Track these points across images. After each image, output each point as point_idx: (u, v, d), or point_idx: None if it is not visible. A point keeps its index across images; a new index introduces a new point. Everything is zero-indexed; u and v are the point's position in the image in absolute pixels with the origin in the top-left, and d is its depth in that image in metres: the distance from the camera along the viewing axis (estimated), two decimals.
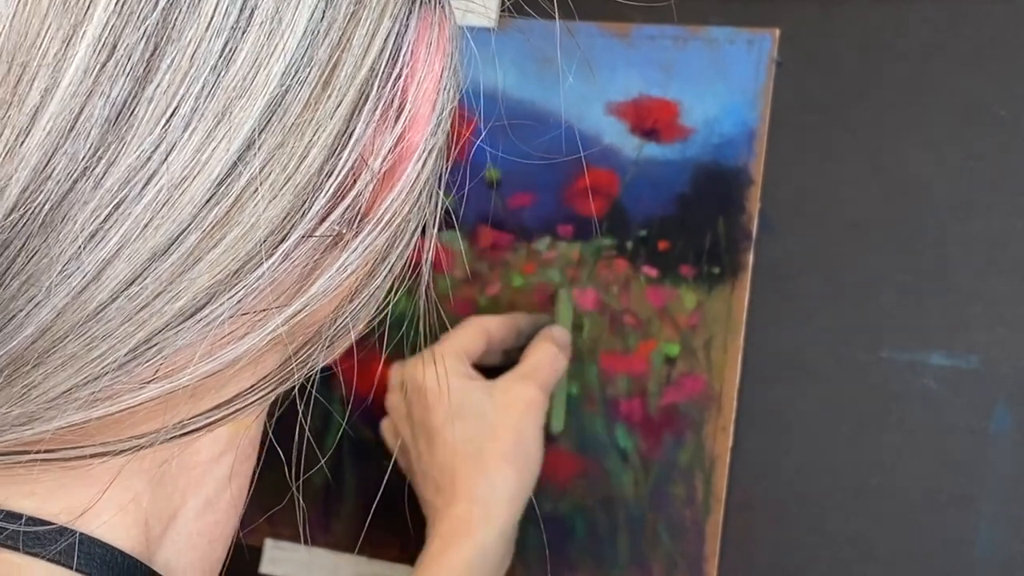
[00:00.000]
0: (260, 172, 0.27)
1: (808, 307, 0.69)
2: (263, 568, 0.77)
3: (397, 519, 0.74)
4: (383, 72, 0.29)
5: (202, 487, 0.35)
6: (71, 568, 0.31)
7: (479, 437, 0.65)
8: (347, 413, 0.75)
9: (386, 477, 0.75)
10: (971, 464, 0.65)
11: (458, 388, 0.66)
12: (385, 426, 0.72)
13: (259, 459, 0.37)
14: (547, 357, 0.68)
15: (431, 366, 0.66)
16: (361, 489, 0.75)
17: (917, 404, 0.66)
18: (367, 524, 0.75)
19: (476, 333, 0.68)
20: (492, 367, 0.70)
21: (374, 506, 0.75)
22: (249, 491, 0.37)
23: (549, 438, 0.71)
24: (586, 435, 0.71)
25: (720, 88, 0.71)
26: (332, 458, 0.75)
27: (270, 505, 0.77)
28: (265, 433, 0.37)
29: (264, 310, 0.29)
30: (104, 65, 0.25)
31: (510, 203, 0.75)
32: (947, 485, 0.66)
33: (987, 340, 0.66)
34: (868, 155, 0.69)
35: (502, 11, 0.74)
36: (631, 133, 0.73)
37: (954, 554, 0.65)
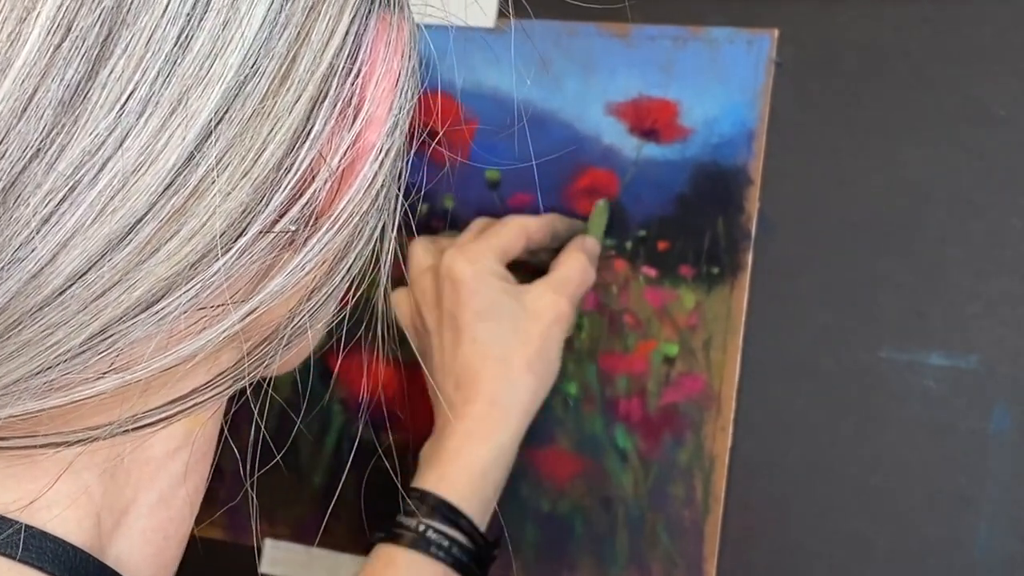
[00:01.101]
0: (217, 164, 0.27)
1: (807, 307, 0.69)
2: (263, 568, 0.77)
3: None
4: (342, 69, 0.29)
5: (156, 483, 0.35)
6: (15, 559, 0.31)
7: (507, 341, 0.65)
8: (361, 412, 0.75)
9: (395, 477, 0.75)
10: (970, 464, 0.65)
11: (493, 288, 0.66)
12: (400, 298, 0.70)
13: (215, 457, 0.37)
14: (578, 269, 0.68)
15: (468, 259, 0.66)
16: (361, 489, 0.75)
17: (917, 404, 0.66)
18: (367, 524, 0.75)
19: (517, 234, 0.68)
20: (522, 263, 0.70)
21: (370, 506, 0.75)
22: (205, 489, 0.37)
23: (551, 435, 0.71)
24: (585, 435, 0.71)
25: (719, 88, 0.71)
26: (332, 458, 0.75)
27: (269, 505, 0.77)
28: (221, 431, 0.37)
29: (220, 305, 0.29)
30: (59, 47, 0.25)
31: (510, 203, 0.75)
32: (946, 485, 0.66)
33: (987, 340, 0.66)
34: (867, 155, 0.69)
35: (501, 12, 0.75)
36: (630, 133, 0.73)
37: (953, 554, 0.65)
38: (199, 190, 0.27)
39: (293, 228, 0.29)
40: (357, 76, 0.30)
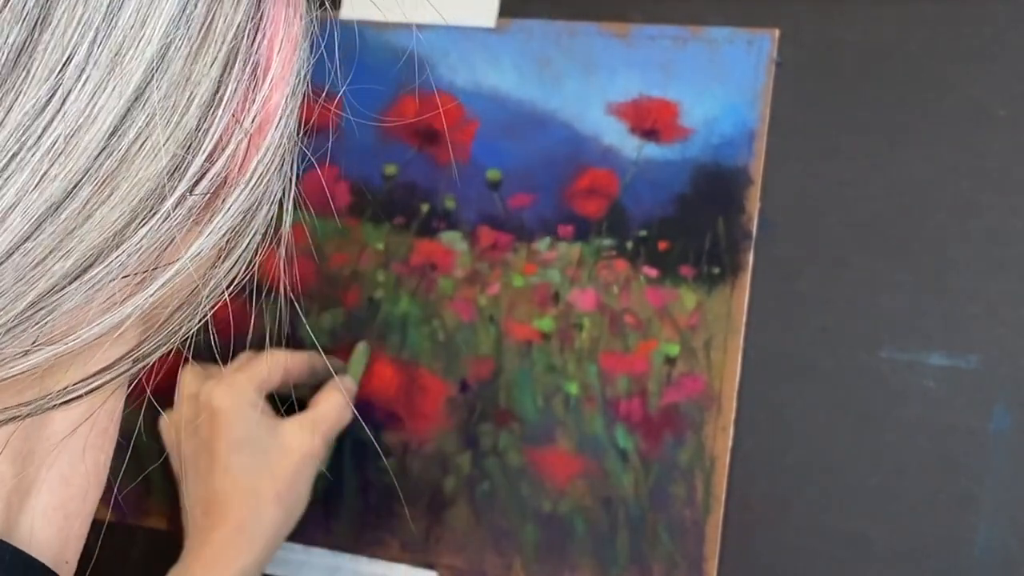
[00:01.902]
0: (147, 126, 0.27)
1: (808, 307, 0.69)
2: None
3: (397, 519, 0.74)
4: (249, 31, 0.30)
5: (57, 460, 0.35)
6: None
7: (258, 473, 0.68)
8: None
9: (387, 476, 0.75)
10: (970, 464, 0.65)
11: (249, 420, 0.69)
12: (166, 424, 0.74)
13: (118, 432, 0.37)
14: (334, 408, 0.71)
15: (227, 391, 0.69)
16: (361, 489, 0.75)
17: (916, 404, 0.66)
18: (367, 525, 0.75)
19: (275, 367, 0.71)
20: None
21: (373, 506, 0.75)
22: (108, 465, 0.37)
23: (552, 435, 0.71)
24: (586, 435, 0.72)
25: (720, 88, 0.71)
26: (332, 458, 0.75)
27: None
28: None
29: (146, 272, 0.29)
30: (0, 11, 0.25)
31: (510, 203, 0.75)
32: (946, 485, 0.66)
33: (986, 340, 0.66)
34: (868, 155, 0.69)
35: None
36: (631, 133, 0.73)
37: (953, 554, 0.65)
38: (131, 152, 0.27)
39: (212, 191, 0.30)
40: (263, 39, 0.31)
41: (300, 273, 0.77)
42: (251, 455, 0.68)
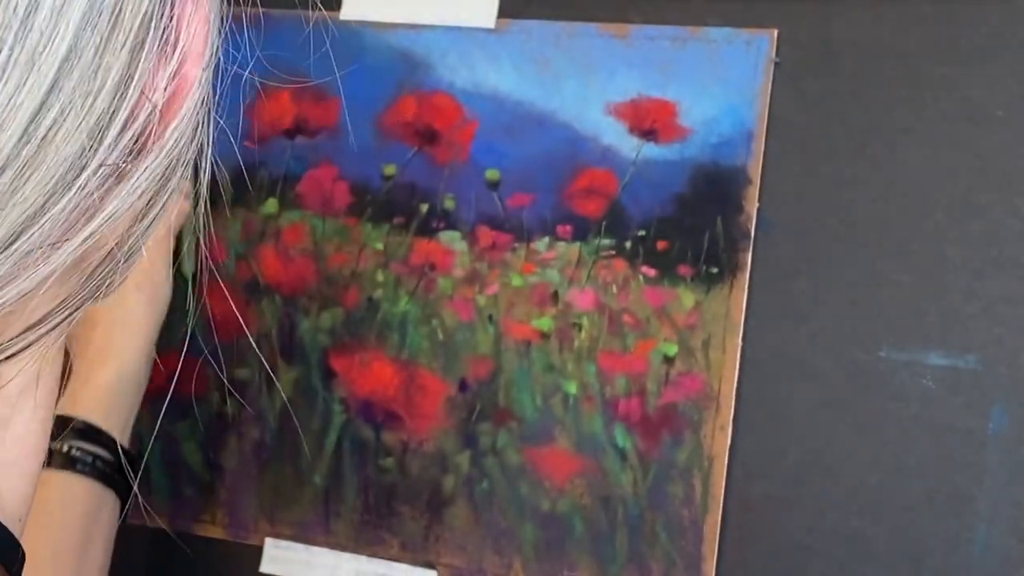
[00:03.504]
0: (62, 114, 0.29)
1: (806, 307, 0.69)
2: (263, 568, 0.77)
3: (397, 519, 0.74)
4: (159, 12, 0.32)
5: (11, 421, 0.37)
6: None
7: None
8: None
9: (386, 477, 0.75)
10: (969, 464, 0.65)
11: None
12: None
13: (60, 391, 0.39)
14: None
15: None
16: (361, 489, 0.76)
17: (915, 404, 0.66)
18: (367, 524, 0.75)
19: None
20: None
21: (374, 506, 0.75)
22: (52, 422, 0.39)
23: (551, 434, 0.71)
24: (584, 434, 0.72)
25: (718, 88, 0.71)
26: (332, 458, 0.75)
27: (270, 505, 0.77)
28: (67, 359, 0.39)
29: (65, 240, 0.31)
30: None
31: (510, 203, 0.75)
32: (945, 485, 0.66)
33: (985, 340, 0.66)
34: (866, 155, 0.69)
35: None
36: (630, 133, 0.73)
37: (952, 553, 0.65)
38: (47, 138, 0.29)
39: (124, 163, 0.32)
40: (172, 18, 0.32)
41: (300, 273, 0.78)
42: None
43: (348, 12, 0.79)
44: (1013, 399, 0.65)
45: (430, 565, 0.74)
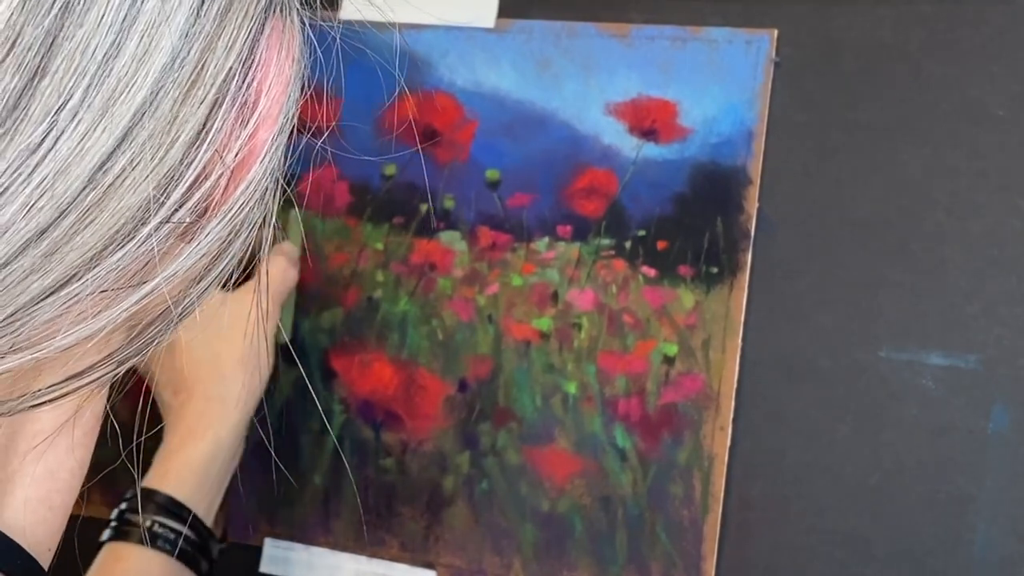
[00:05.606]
0: (131, 164, 0.29)
1: (806, 307, 0.69)
2: (263, 568, 0.77)
3: (397, 519, 0.74)
4: (240, 73, 0.31)
5: (43, 455, 0.37)
6: None
7: (215, 343, 0.70)
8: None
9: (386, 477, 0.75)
10: (969, 464, 0.65)
11: None
12: None
13: (101, 433, 0.39)
14: (279, 270, 0.73)
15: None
16: (361, 489, 0.76)
17: (915, 404, 0.66)
18: (367, 524, 0.75)
19: None
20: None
21: (373, 506, 0.75)
22: (89, 462, 0.39)
23: (550, 434, 0.71)
24: (584, 434, 0.72)
25: (718, 88, 0.71)
26: (332, 458, 0.75)
27: (269, 505, 0.77)
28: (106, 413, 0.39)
29: (120, 289, 0.30)
30: (3, 60, 0.26)
31: (509, 203, 0.75)
32: (945, 485, 0.66)
33: (985, 340, 0.66)
34: (866, 155, 0.69)
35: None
36: (630, 133, 0.73)
37: (952, 554, 0.65)
38: (113, 186, 0.29)
39: (190, 219, 0.31)
40: (253, 81, 0.32)
41: (300, 273, 0.78)
42: (205, 328, 0.69)
43: (348, 12, 0.79)
44: (1013, 399, 0.65)
45: (430, 565, 0.74)
